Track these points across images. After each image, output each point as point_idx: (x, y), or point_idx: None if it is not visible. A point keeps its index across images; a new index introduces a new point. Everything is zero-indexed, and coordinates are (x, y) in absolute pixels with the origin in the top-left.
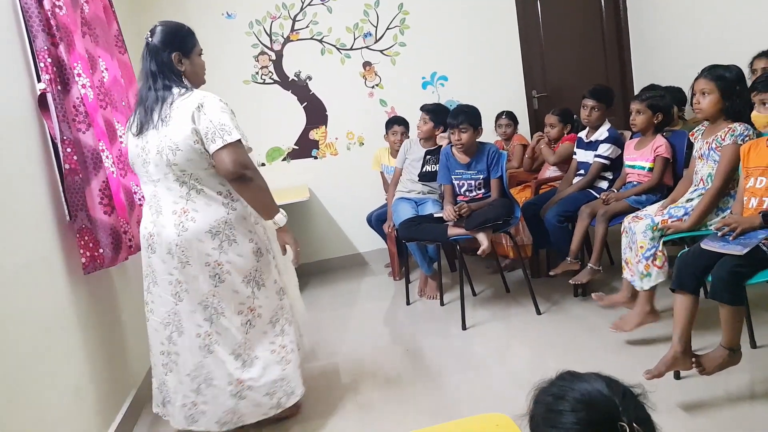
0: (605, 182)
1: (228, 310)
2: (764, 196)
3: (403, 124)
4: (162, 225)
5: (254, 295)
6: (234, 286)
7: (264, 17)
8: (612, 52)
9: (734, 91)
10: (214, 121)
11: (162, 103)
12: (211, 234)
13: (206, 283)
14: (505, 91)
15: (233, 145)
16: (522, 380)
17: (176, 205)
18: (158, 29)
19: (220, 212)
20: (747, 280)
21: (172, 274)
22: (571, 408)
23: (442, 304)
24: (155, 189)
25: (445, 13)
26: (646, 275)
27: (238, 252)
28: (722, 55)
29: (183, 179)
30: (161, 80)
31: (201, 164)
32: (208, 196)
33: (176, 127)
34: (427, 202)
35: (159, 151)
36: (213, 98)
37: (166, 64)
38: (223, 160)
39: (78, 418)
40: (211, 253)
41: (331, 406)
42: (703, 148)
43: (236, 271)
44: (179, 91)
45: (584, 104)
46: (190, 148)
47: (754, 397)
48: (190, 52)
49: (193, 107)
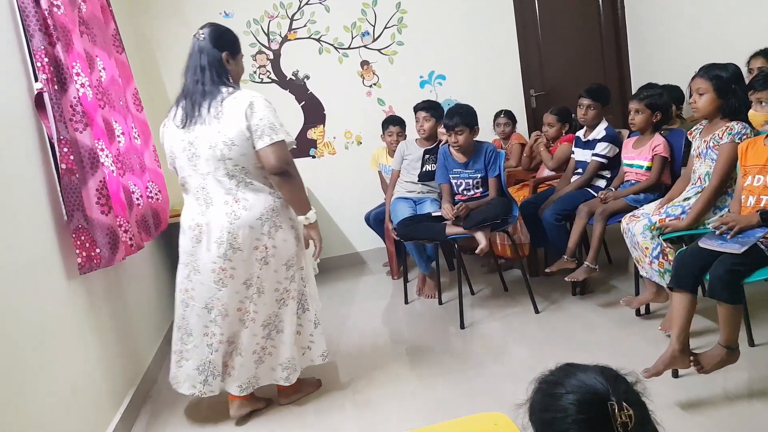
0: (603, 181)
1: (267, 290)
2: (762, 195)
3: (399, 124)
4: (213, 215)
5: (291, 278)
6: (276, 267)
7: (262, 16)
8: (610, 51)
9: (730, 90)
10: (264, 120)
11: (211, 98)
12: (261, 221)
13: (253, 265)
14: (503, 90)
15: (278, 144)
16: (520, 379)
17: (228, 195)
18: (211, 29)
19: (269, 201)
20: (745, 279)
21: (215, 263)
22: (566, 391)
23: (441, 303)
24: (204, 181)
25: (443, 12)
26: (666, 271)
27: (283, 237)
28: (720, 54)
29: (233, 173)
30: (210, 76)
31: (252, 158)
32: (256, 188)
33: (230, 123)
34: (426, 201)
35: (212, 146)
36: (261, 97)
37: (217, 61)
38: (268, 156)
39: (75, 417)
40: (261, 238)
41: (329, 405)
42: (700, 147)
43: (280, 255)
44: (227, 90)
45: (580, 103)
46: (245, 144)
47: (752, 395)
48: (236, 54)
49: (245, 105)
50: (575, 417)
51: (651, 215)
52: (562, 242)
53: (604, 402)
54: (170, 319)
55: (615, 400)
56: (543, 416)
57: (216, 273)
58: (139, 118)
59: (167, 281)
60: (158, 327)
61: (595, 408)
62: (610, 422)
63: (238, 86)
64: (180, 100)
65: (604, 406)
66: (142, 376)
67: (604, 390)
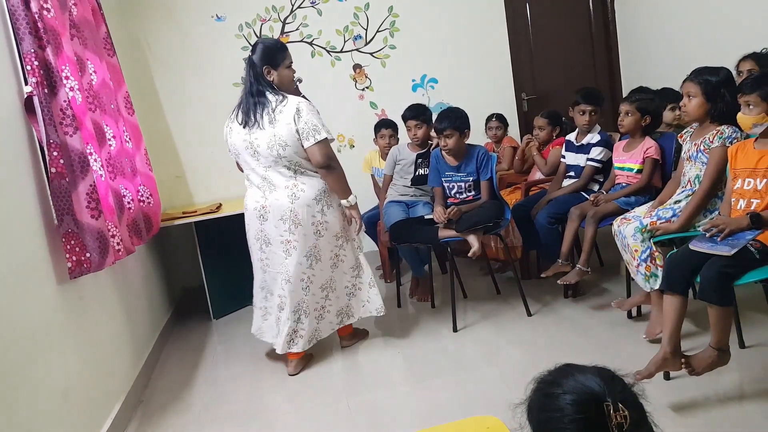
0: (595, 185)
1: (324, 256)
2: (752, 198)
3: (391, 127)
4: (275, 198)
5: (340, 246)
6: (328, 238)
7: (254, 20)
8: (600, 55)
9: (719, 93)
10: (308, 123)
11: (263, 107)
12: (316, 200)
13: (311, 237)
14: (495, 94)
15: (322, 142)
16: (513, 382)
17: (288, 181)
18: (258, 46)
19: (321, 184)
20: (735, 281)
21: (282, 236)
22: (563, 392)
23: (433, 306)
24: (266, 173)
25: (434, 16)
26: (652, 276)
27: (334, 214)
28: (710, 57)
29: (290, 166)
30: (257, 87)
31: (302, 155)
32: (310, 175)
33: (283, 128)
34: (418, 205)
35: (270, 146)
36: (306, 103)
37: (258, 74)
38: (314, 153)
39: (66, 422)
40: (316, 215)
41: (323, 409)
42: (691, 150)
43: (332, 228)
44: (277, 98)
45: (582, 110)
46: (296, 144)
47: (743, 396)
48: (278, 66)
49: (293, 112)
50: (572, 417)
51: (642, 218)
52: (554, 245)
53: (601, 402)
54: (162, 322)
55: (611, 401)
56: (540, 416)
57: (283, 244)
58: (130, 122)
59: (159, 285)
60: (150, 331)
61: (591, 408)
62: (606, 422)
63: (286, 93)
64: (239, 106)
65: (600, 407)
66: (134, 381)
67: (600, 390)
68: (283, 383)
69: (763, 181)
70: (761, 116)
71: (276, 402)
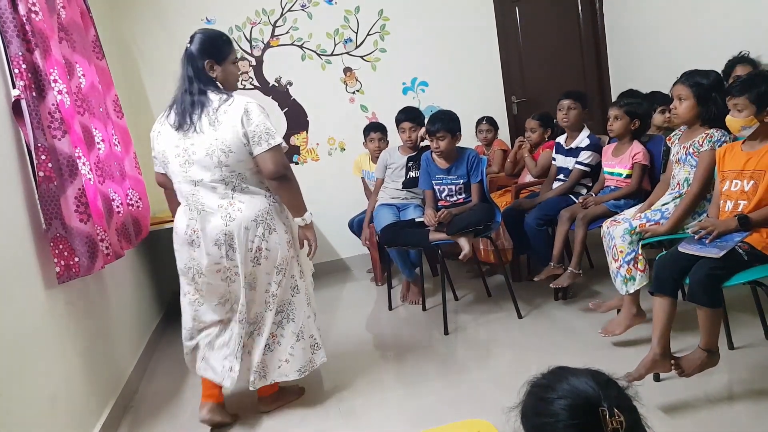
0: (584, 189)
1: (258, 289)
2: (740, 199)
3: (380, 131)
4: (206, 219)
5: (278, 283)
6: (267, 269)
7: (244, 23)
8: (589, 58)
9: (710, 97)
10: (260, 126)
11: (202, 108)
12: (256, 223)
13: (248, 266)
14: (485, 97)
15: (276, 149)
16: (504, 385)
17: (222, 200)
18: (197, 37)
19: (264, 203)
20: (724, 283)
21: (218, 263)
22: (557, 396)
23: (425, 309)
24: (195, 188)
25: (425, 20)
26: (630, 279)
27: (277, 240)
28: (697, 61)
29: (229, 179)
30: (196, 84)
31: (249, 164)
32: (252, 192)
33: (228, 131)
34: (409, 208)
35: (209, 153)
36: (254, 103)
37: (200, 69)
38: (266, 162)
39: (54, 429)
40: (254, 240)
41: (313, 413)
42: (680, 153)
43: (272, 257)
44: (221, 98)
45: (560, 106)
46: (242, 150)
47: (732, 397)
48: (223, 60)
49: (241, 112)
50: (566, 422)
51: (632, 220)
52: (544, 247)
53: (596, 407)
54: (152, 328)
55: (606, 406)
56: (534, 420)
57: (221, 272)
58: (119, 125)
59: (148, 289)
60: (139, 336)
61: (586, 413)
62: (601, 427)
63: (231, 92)
64: (172, 107)
65: (595, 412)
66: (123, 386)
67: (595, 395)
68: None
69: (750, 182)
70: (750, 119)
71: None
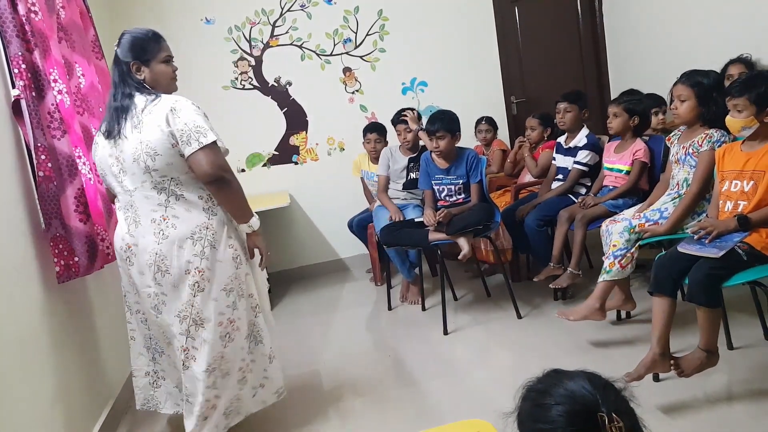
0: (583, 188)
1: (207, 322)
2: (739, 200)
3: (377, 131)
4: (140, 235)
5: (233, 305)
6: (215, 294)
7: (243, 23)
8: (589, 58)
9: (711, 97)
10: (188, 124)
11: (126, 111)
12: (193, 240)
13: (186, 292)
14: (485, 97)
15: (209, 147)
16: (503, 385)
17: (155, 213)
18: (123, 38)
19: (201, 217)
20: (723, 283)
21: (149, 287)
22: (555, 402)
23: (424, 309)
24: (131, 199)
25: (424, 20)
26: (607, 271)
27: (219, 258)
28: (696, 61)
29: (162, 185)
30: (122, 88)
31: (182, 167)
32: (189, 202)
33: (151, 131)
34: (408, 208)
35: (135, 158)
36: (185, 101)
37: (124, 72)
38: (199, 162)
39: (53, 429)
40: (192, 260)
41: (312, 413)
42: (679, 153)
43: (217, 279)
44: (147, 99)
45: (558, 108)
46: (169, 152)
47: (731, 398)
48: (150, 60)
49: (166, 110)
50: (565, 429)
51: (632, 219)
52: (544, 247)
53: (594, 413)
54: None
55: (605, 411)
56: (532, 427)
57: (151, 298)
58: None
59: None
60: None
61: (584, 419)
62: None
63: (161, 93)
64: (106, 115)
65: (593, 418)
66: (122, 388)
67: (593, 400)
68: None
69: (750, 183)
70: (749, 119)
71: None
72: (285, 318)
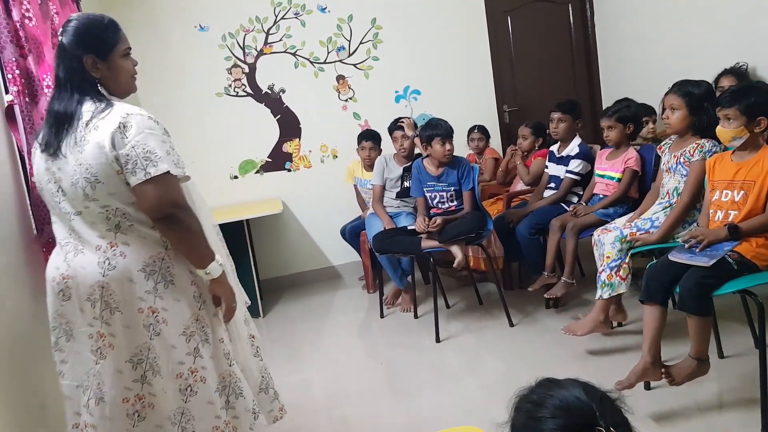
0: (575, 197)
1: (165, 370)
2: (729, 209)
3: (371, 139)
4: (81, 265)
5: (197, 353)
6: (172, 340)
7: (237, 30)
8: (580, 68)
9: (702, 107)
10: (137, 147)
11: (70, 121)
12: (145, 273)
13: (139, 334)
14: (477, 106)
15: (160, 179)
16: (495, 392)
17: (102, 240)
18: (71, 25)
19: (156, 247)
20: (714, 291)
21: (92, 326)
22: (550, 415)
23: (416, 317)
24: (71, 224)
25: (417, 28)
26: (608, 285)
27: (176, 296)
28: (688, 72)
29: (108, 215)
30: (70, 91)
31: (128, 198)
32: (142, 232)
33: (94, 153)
34: (401, 215)
35: (73, 183)
36: (139, 116)
37: (76, 70)
38: (145, 196)
39: None
40: (145, 297)
41: (304, 421)
42: (670, 162)
43: (174, 321)
44: (96, 107)
45: (551, 117)
46: (113, 180)
47: (722, 406)
48: (109, 53)
49: (113, 127)
50: None
51: (622, 228)
52: (536, 255)
53: (593, 426)
54: None
55: (603, 425)
56: None
57: (93, 339)
58: None
59: None
60: None
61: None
62: None
63: (120, 96)
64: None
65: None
66: None
67: (590, 413)
68: None
69: (740, 192)
70: (740, 129)
71: None
72: (277, 325)
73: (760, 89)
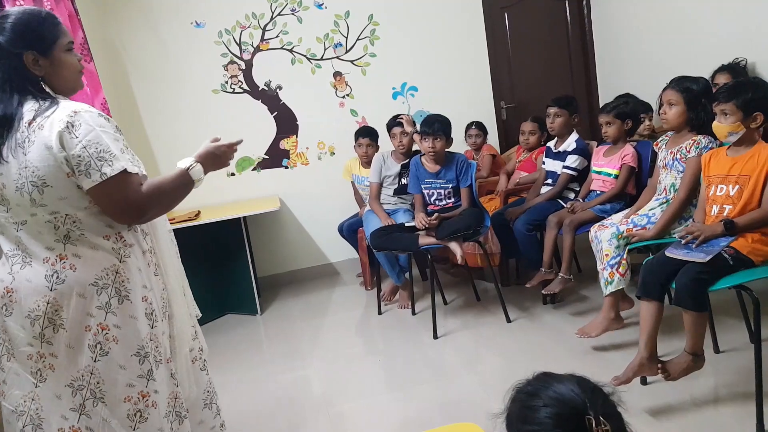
0: (572, 193)
1: (110, 395)
2: (725, 204)
3: (369, 136)
4: (26, 278)
5: (149, 376)
6: (120, 359)
7: (233, 27)
8: (578, 64)
9: (699, 103)
10: (89, 147)
11: (10, 123)
12: (98, 287)
13: (82, 355)
14: (474, 102)
15: (117, 179)
16: (493, 389)
17: (50, 252)
18: (7, 21)
19: (109, 259)
20: (710, 287)
21: (32, 345)
22: (543, 404)
23: (414, 314)
24: (17, 234)
25: (414, 25)
26: (610, 282)
27: (132, 313)
28: (684, 67)
29: (56, 223)
30: (10, 92)
31: (79, 203)
32: (93, 244)
33: (40, 154)
34: (399, 212)
35: (18, 188)
36: (87, 114)
37: (16, 68)
38: (103, 200)
39: None
40: (95, 314)
41: (302, 418)
42: (667, 158)
43: (126, 339)
44: (40, 105)
45: (548, 112)
46: (62, 183)
47: (717, 400)
48: (50, 49)
49: (61, 126)
50: (552, 431)
51: (619, 224)
52: (533, 252)
53: (582, 416)
54: None
55: (592, 414)
56: (520, 428)
57: (33, 360)
58: None
59: None
60: None
61: (572, 422)
62: None
63: (66, 94)
64: None
65: (581, 420)
66: None
67: (581, 403)
68: (263, 393)
69: (735, 187)
70: (736, 125)
71: (257, 413)
72: (274, 322)
73: (757, 85)
